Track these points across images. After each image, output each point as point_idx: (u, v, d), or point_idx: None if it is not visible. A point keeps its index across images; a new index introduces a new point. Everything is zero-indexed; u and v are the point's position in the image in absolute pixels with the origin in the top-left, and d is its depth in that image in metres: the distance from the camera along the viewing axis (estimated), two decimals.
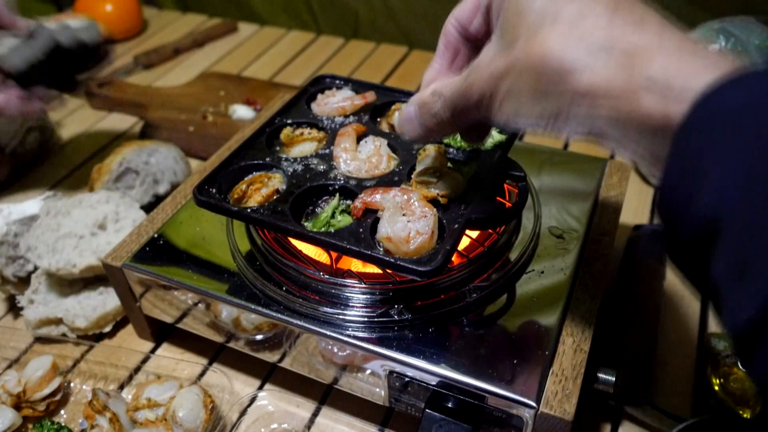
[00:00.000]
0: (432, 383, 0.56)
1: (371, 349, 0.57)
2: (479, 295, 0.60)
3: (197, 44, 1.43)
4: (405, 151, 0.67)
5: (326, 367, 0.63)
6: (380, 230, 0.56)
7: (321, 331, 0.59)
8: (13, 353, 0.74)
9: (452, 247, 0.54)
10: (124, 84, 1.26)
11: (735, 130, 0.30)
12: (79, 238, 0.77)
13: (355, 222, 0.58)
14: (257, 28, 1.51)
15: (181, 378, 0.68)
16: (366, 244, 0.55)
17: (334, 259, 0.63)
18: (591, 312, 0.60)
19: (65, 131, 1.17)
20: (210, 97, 1.19)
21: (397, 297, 0.60)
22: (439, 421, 0.56)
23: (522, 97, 0.39)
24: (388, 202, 0.58)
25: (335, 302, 0.60)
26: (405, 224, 0.55)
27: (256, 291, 0.63)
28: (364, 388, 0.62)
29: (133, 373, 0.71)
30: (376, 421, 0.65)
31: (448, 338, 0.58)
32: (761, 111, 0.29)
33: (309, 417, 0.65)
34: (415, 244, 0.54)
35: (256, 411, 0.65)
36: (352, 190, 0.62)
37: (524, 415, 0.53)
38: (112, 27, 1.45)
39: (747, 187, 0.29)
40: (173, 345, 0.75)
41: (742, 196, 0.29)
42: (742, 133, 0.30)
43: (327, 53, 1.39)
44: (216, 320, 0.67)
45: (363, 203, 0.59)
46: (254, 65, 1.36)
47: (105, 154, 1.09)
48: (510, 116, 0.41)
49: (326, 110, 0.75)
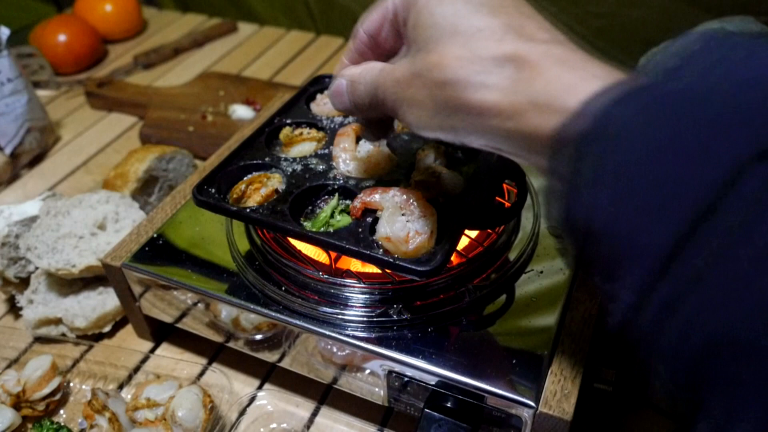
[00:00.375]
0: (431, 383, 0.56)
1: (370, 348, 0.57)
2: (478, 295, 0.60)
3: (197, 44, 1.43)
4: (404, 150, 0.67)
5: (325, 366, 0.63)
6: (379, 230, 0.56)
7: (320, 331, 0.59)
8: (13, 353, 0.74)
9: (451, 247, 0.54)
10: (124, 84, 1.26)
11: (604, 145, 0.31)
12: (79, 238, 0.77)
13: (354, 222, 0.58)
14: (257, 28, 1.51)
15: (180, 378, 0.68)
16: (365, 244, 0.55)
17: (333, 259, 0.63)
18: (590, 312, 0.60)
19: (65, 131, 1.17)
20: (209, 97, 1.19)
21: (396, 297, 0.60)
22: (438, 420, 0.56)
23: (423, 107, 0.40)
24: (387, 202, 0.58)
25: (334, 302, 0.60)
26: (404, 224, 0.55)
27: (255, 291, 0.63)
28: (364, 388, 0.62)
29: (132, 372, 0.71)
30: (376, 420, 0.65)
31: (447, 338, 0.58)
32: (630, 127, 0.31)
33: (308, 417, 0.66)
34: (414, 244, 0.54)
35: (255, 411, 0.66)
36: (351, 190, 0.62)
37: (523, 414, 0.53)
38: (112, 27, 1.45)
39: (613, 202, 0.31)
40: (173, 345, 0.75)
41: (609, 211, 0.31)
42: (614, 148, 0.31)
43: (326, 53, 1.39)
44: (215, 320, 0.67)
45: (362, 203, 0.59)
46: (254, 65, 1.36)
47: (105, 154, 1.10)
48: (414, 124, 0.42)
49: (325, 110, 0.75)
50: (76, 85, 1.29)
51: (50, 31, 1.33)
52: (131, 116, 1.20)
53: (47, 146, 1.11)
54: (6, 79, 1.01)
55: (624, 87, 0.32)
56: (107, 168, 1.04)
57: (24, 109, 1.04)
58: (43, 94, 1.26)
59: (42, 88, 1.27)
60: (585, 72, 0.34)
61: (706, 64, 0.31)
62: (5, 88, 1.01)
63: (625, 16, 1.23)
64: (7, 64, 1.00)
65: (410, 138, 0.70)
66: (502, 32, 0.37)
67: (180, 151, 0.96)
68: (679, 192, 0.29)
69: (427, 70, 0.39)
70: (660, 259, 0.29)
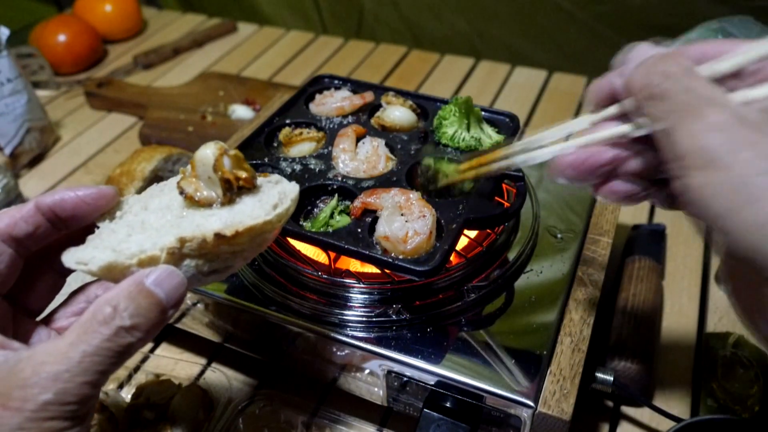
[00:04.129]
0: (430, 383, 0.56)
1: (369, 348, 0.57)
2: (477, 295, 0.60)
3: (197, 44, 1.43)
4: (403, 151, 0.67)
5: (325, 366, 0.63)
6: (378, 229, 0.56)
7: (319, 331, 0.59)
8: None
9: (450, 246, 0.55)
10: (124, 84, 1.26)
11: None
12: None
13: (354, 222, 0.58)
14: (256, 28, 1.51)
15: (180, 377, 0.68)
16: (364, 244, 0.55)
17: (332, 259, 0.63)
18: (589, 312, 0.60)
19: (65, 131, 1.17)
20: (209, 97, 1.19)
21: (395, 297, 0.60)
22: (437, 420, 0.56)
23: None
24: (386, 202, 0.58)
25: (334, 302, 0.60)
26: (403, 224, 0.55)
27: (254, 291, 0.63)
28: (363, 388, 0.62)
29: (132, 372, 0.71)
30: (375, 420, 0.65)
31: (447, 338, 0.58)
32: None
33: (308, 417, 0.66)
34: (413, 243, 0.54)
35: (254, 410, 0.66)
36: (350, 191, 0.62)
37: (522, 414, 0.53)
38: (112, 27, 1.45)
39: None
40: (172, 345, 0.75)
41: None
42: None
43: (326, 53, 1.39)
44: (215, 320, 0.67)
45: (362, 203, 0.59)
46: (253, 65, 1.36)
47: (105, 154, 1.10)
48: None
49: (325, 110, 0.75)
50: (75, 85, 1.30)
51: (50, 31, 1.33)
52: (131, 116, 1.20)
53: (47, 146, 1.11)
54: (6, 79, 1.01)
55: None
56: (107, 168, 1.04)
57: (24, 109, 1.04)
58: (43, 95, 1.26)
59: (42, 88, 1.27)
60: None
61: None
62: (5, 88, 1.01)
63: (627, 1, 1.23)
64: (7, 64, 1.00)
65: (409, 138, 0.70)
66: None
67: (186, 153, 0.97)
68: None
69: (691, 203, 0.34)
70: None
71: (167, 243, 0.39)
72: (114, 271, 0.39)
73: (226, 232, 0.40)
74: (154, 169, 0.90)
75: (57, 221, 0.43)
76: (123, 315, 0.36)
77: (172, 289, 0.38)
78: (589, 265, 0.65)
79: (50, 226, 0.42)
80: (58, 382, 0.34)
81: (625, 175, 0.43)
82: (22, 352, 0.37)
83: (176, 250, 0.39)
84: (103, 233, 0.42)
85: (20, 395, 0.34)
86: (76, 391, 0.34)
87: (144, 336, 0.37)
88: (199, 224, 0.42)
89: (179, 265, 0.40)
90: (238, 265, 0.43)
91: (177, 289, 0.39)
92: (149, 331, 0.37)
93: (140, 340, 0.37)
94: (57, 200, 0.42)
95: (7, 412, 0.33)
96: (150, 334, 0.37)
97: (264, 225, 0.42)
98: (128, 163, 0.93)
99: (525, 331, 0.58)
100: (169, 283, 0.38)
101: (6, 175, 0.92)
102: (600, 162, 0.42)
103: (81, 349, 0.35)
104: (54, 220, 0.42)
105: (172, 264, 0.39)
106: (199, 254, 0.40)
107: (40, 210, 0.42)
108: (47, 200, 0.42)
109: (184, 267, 0.40)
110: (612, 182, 0.43)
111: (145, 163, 0.91)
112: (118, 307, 0.36)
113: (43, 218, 0.42)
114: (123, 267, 0.39)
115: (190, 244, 0.39)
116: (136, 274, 0.38)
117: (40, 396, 0.34)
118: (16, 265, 0.42)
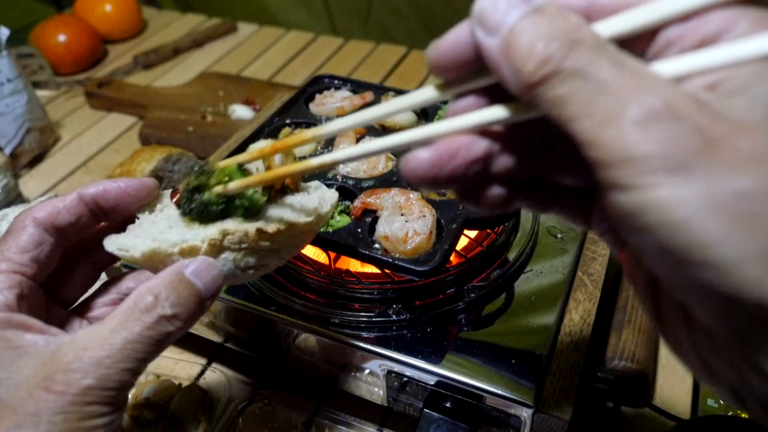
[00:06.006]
0: (430, 383, 0.56)
1: (369, 348, 0.57)
2: (477, 295, 0.60)
3: (197, 44, 1.43)
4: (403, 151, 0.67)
5: (325, 366, 0.63)
6: (378, 229, 0.56)
7: (319, 331, 0.59)
8: None
9: (450, 246, 0.55)
10: (124, 84, 1.26)
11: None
12: None
13: (354, 222, 0.58)
14: (256, 28, 1.51)
15: (180, 377, 0.68)
16: (364, 244, 0.55)
17: (332, 259, 0.63)
18: (589, 312, 0.60)
19: (65, 131, 1.17)
20: (209, 97, 1.19)
21: (395, 297, 0.60)
22: (437, 420, 0.56)
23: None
24: (386, 202, 0.58)
25: (334, 302, 0.60)
26: (403, 224, 0.55)
27: (254, 290, 0.63)
28: (363, 388, 0.62)
29: None
30: (375, 420, 0.65)
31: (447, 338, 0.58)
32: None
33: (307, 416, 0.66)
34: (412, 243, 0.54)
35: (254, 410, 0.65)
36: (350, 191, 0.62)
37: (522, 414, 0.53)
38: (111, 27, 1.45)
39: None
40: (172, 344, 0.75)
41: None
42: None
43: (326, 53, 1.39)
44: (215, 320, 0.67)
45: (362, 203, 0.59)
46: (253, 65, 1.36)
47: (105, 154, 1.10)
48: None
49: (325, 110, 0.75)
50: (75, 85, 1.30)
51: (50, 31, 1.33)
52: (131, 116, 1.20)
53: (47, 146, 1.11)
54: (6, 79, 1.01)
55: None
56: (107, 168, 1.05)
57: (23, 109, 1.04)
58: (43, 95, 1.26)
59: (42, 88, 1.27)
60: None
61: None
62: (5, 88, 1.01)
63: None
64: (7, 64, 1.00)
65: None
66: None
67: (186, 154, 0.97)
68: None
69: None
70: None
71: (209, 234, 0.40)
72: (155, 258, 0.40)
73: (269, 228, 0.41)
74: (154, 169, 0.90)
75: (99, 212, 0.43)
76: (164, 304, 0.37)
77: (210, 280, 0.39)
78: (589, 265, 0.65)
79: (91, 217, 0.43)
80: (100, 368, 0.35)
81: (499, 176, 0.31)
82: (63, 336, 0.37)
83: (217, 242, 0.40)
84: (144, 224, 0.43)
85: (63, 379, 0.34)
86: (117, 377, 0.35)
87: (183, 325, 0.38)
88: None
89: (218, 257, 0.41)
90: (273, 264, 0.44)
91: (215, 281, 0.40)
92: (188, 321, 0.38)
93: (179, 329, 0.38)
94: (101, 191, 0.43)
95: (51, 396, 0.34)
96: (188, 323, 0.38)
97: (304, 225, 0.43)
98: (128, 163, 0.93)
99: (525, 331, 0.58)
100: (207, 274, 0.39)
101: (6, 175, 0.92)
102: (470, 158, 0.30)
103: (123, 336, 0.35)
104: (96, 211, 0.43)
105: (211, 256, 0.40)
106: (238, 248, 0.41)
107: (83, 200, 0.42)
108: (91, 190, 0.43)
109: (222, 260, 0.41)
110: (492, 188, 0.31)
111: (145, 163, 0.91)
112: (160, 296, 0.37)
113: (86, 209, 0.43)
114: (164, 254, 0.40)
115: (232, 237, 0.40)
116: (175, 264, 0.39)
117: (82, 380, 0.34)
118: (55, 255, 0.42)
